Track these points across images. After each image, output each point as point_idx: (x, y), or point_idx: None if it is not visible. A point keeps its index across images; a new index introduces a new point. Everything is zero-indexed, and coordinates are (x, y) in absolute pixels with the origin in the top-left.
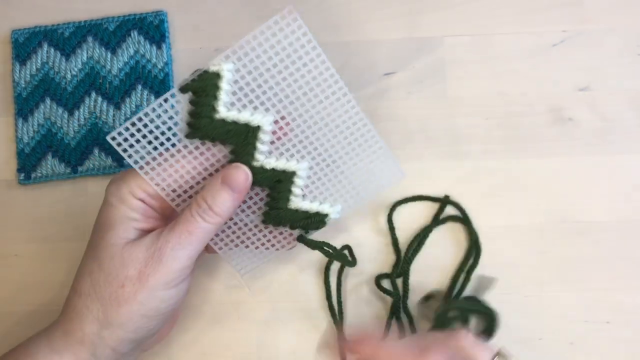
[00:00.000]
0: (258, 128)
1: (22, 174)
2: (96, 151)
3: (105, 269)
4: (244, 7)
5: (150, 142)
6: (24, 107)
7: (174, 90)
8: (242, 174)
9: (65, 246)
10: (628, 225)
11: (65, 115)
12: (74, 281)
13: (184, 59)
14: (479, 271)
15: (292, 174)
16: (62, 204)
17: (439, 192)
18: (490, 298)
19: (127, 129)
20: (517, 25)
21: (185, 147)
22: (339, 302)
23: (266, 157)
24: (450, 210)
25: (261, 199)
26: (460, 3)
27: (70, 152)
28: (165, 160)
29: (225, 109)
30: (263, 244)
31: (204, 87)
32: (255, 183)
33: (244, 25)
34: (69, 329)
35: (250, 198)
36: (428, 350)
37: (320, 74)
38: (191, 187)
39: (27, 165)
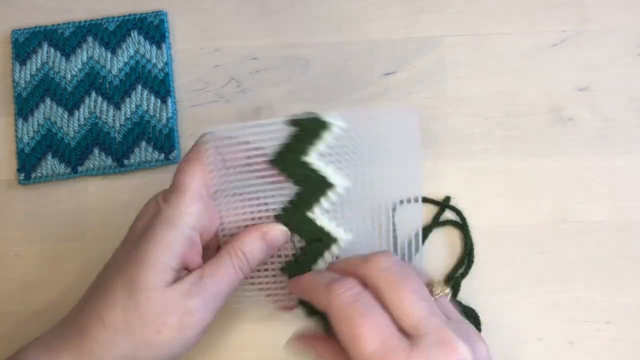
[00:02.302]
0: (332, 185)
1: (22, 174)
2: (96, 151)
3: (142, 311)
4: (244, 7)
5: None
6: (24, 107)
7: (281, 119)
8: (284, 237)
9: (65, 246)
10: (628, 225)
11: (65, 115)
12: (102, 311)
13: (184, 59)
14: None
15: (334, 240)
16: (62, 204)
17: (439, 192)
18: (491, 298)
19: (223, 133)
20: (517, 25)
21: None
22: None
23: (321, 214)
24: (450, 214)
25: (292, 249)
26: (460, 3)
27: (70, 152)
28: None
29: (316, 157)
30: (268, 292)
31: (311, 128)
32: (299, 233)
33: (244, 25)
34: (85, 356)
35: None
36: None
37: (407, 170)
38: (235, 223)
39: (27, 165)
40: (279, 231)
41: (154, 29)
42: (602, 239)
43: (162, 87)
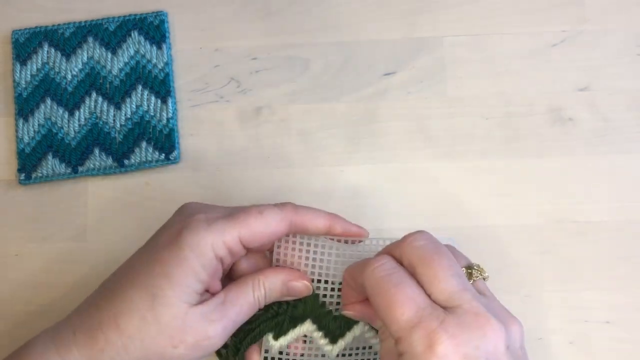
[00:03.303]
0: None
1: (23, 174)
2: (97, 151)
3: (162, 326)
4: (244, 7)
5: None
6: (24, 107)
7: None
8: (305, 292)
9: (66, 246)
10: (628, 225)
11: (66, 116)
12: (119, 314)
13: (184, 59)
14: None
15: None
16: (63, 204)
17: (439, 192)
18: None
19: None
20: (517, 25)
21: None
22: None
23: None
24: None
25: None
26: (460, 3)
27: (71, 152)
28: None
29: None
30: None
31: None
32: (323, 328)
33: (244, 25)
34: (95, 357)
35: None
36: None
37: None
38: None
39: (28, 165)
40: (303, 285)
41: (154, 29)
42: (602, 239)
43: (162, 87)
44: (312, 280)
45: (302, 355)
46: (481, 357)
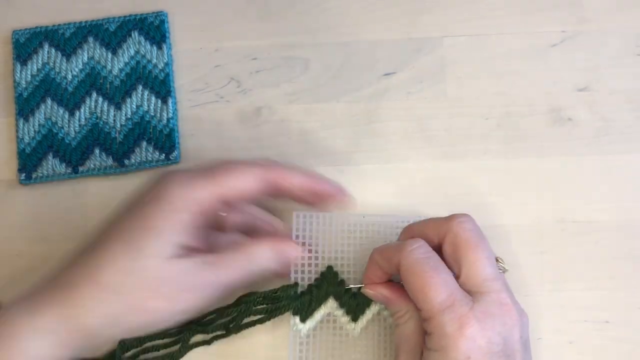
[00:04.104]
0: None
1: (23, 174)
2: (97, 151)
3: (142, 276)
4: (244, 8)
5: None
6: (24, 107)
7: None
8: (295, 255)
9: (66, 246)
10: (628, 225)
11: (66, 116)
12: (100, 268)
13: (184, 59)
14: None
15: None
16: (63, 204)
17: (438, 193)
18: None
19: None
20: (517, 25)
21: None
22: None
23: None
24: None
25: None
26: (460, 3)
27: (71, 152)
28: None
29: None
30: None
31: None
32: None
33: (244, 25)
34: (73, 314)
35: None
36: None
37: None
38: None
39: (28, 165)
40: (292, 249)
41: (154, 29)
42: (602, 239)
43: (162, 88)
44: (329, 258)
45: (327, 335)
46: (501, 343)
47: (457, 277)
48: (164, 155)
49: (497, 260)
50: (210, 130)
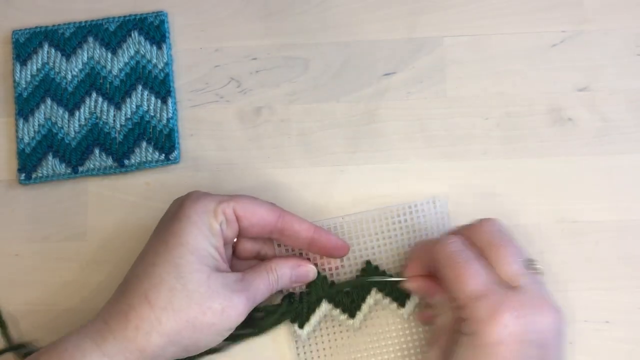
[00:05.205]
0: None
1: (23, 174)
2: (97, 151)
3: (190, 292)
4: (244, 7)
5: None
6: (24, 107)
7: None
8: (311, 276)
9: (66, 246)
10: (628, 225)
11: (66, 116)
12: (148, 291)
13: (184, 59)
14: None
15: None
16: (63, 204)
17: (438, 192)
18: None
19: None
20: (517, 25)
21: None
22: None
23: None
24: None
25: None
26: (460, 3)
27: (71, 152)
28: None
29: None
30: None
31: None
32: (339, 305)
33: (244, 25)
34: (131, 337)
35: None
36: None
37: None
38: None
39: (28, 165)
40: (310, 270)
41: (154, 29)
42: (602, 239)
43: (162, 88)
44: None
45: (328, 334)
46: (535, 332)
47: None
48: (163, 155)
49: (530, 261)
50: (210, 130)
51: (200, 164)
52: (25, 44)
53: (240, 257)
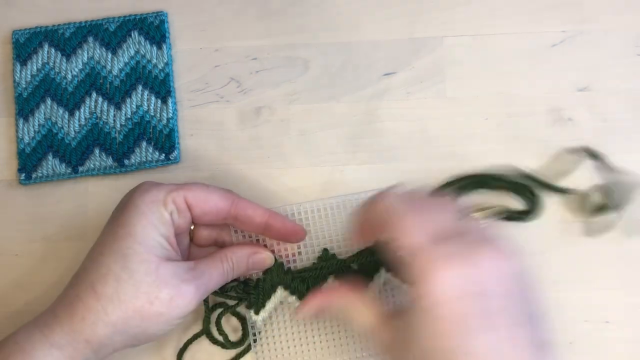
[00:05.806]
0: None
1: (23, 174)
2: (97, 151)
3: (137, 282)
4: (244, 8)
5: None
6: (24, 107)
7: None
8: (268, 263)
9: (66, 246)
10: (628, 225)
11: (66, 116)
12: (95, 281)
13: (184, 59)
14: None
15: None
16: (63, 204)
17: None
18: None
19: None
20: (517, 25)
21: None
22: None
23: None
24: None
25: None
26: (460, 3)
27: (71, 152)
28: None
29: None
30: None
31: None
32: (294, 292)
33: (244, 25)
34: (77, 328)
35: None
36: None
37: None
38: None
39: (28, 165)
40: (267, 257)
41: (154, 29)
42: (602, 239)
43: (162, 88)
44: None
45: (284, 320)
46: (473, 283)
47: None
48: (163, 155)
49: (466, 209)
50: (210, 130)
51: (200, 164)
52: (26, 44)
53: (199, 245)
